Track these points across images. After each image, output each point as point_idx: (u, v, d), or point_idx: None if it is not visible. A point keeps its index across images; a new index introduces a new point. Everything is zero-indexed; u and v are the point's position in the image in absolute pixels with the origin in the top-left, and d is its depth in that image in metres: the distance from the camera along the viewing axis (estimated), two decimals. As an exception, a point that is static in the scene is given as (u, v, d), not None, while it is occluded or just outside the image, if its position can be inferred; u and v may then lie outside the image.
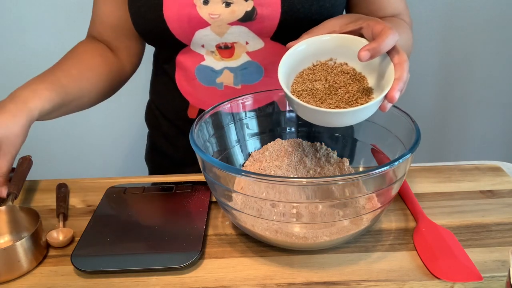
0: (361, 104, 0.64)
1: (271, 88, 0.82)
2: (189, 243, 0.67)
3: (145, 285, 0.62)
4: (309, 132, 0.81)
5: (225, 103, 0.76)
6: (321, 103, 0.65)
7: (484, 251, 0.66)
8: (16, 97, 0.75)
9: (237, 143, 0.79)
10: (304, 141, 0.78)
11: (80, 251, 0.66)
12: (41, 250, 0.67)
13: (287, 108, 0.81)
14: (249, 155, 0.79)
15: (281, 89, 0.65)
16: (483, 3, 1.58)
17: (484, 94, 1.73)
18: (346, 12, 0.90)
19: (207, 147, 0.73)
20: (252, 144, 0.80)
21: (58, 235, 0.71)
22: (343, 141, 0.80)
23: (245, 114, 0.80)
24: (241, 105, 0.79)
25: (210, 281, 0.62)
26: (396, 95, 0.61)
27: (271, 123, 0.82)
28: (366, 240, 0.68)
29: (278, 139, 0.80)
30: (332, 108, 0.64)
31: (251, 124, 0.80)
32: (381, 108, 0.63)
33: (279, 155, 0.76)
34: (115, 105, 1.62)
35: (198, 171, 0.86)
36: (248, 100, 0.79)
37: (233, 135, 0.79)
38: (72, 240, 0.70)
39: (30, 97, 0.75)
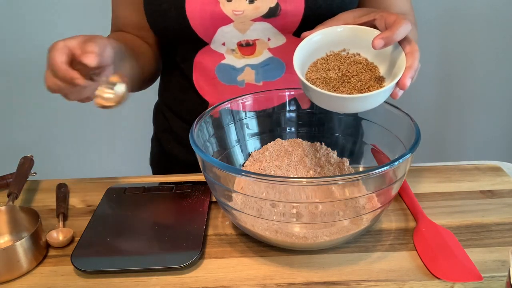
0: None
1: (292, 84, 0.83)
2: (189, 243, 0.67)
3: (145, 285, 0.62)
4: (309, 132, 0.81)
5: (225, 103, 0.76)
6: (334, 90, 0.67)
7: (484, 251, 0.66)
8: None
9: (237, 143, 0.79)
10: (304, 141, 0.78)
11: (80, 251, 0.66)
12: (41, 250, 0.67)
13: (287, 108, 0.81)
14: (249, 155, 0.79)
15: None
16: (483, 3, 1.58)
17: (484, 94, 1.73)
18: None
19: (207, 147, 0.73)
20: (252, 144, 0.80)
21: (58, 235, 0.70)
22: (343, 141, 0.80)
23: (245, 114, 0.80)
24: (241, 105, 0.79)
25: (210, 281, 0.62)
26: (408, 82, 0.63)
27: (271, 123, 0.82)
28: (366, 240, 0.68)
29: (278, 139, 0.80)
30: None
31: (251, 124, 0.80)
32: (392, 95, 0.66)
33: (279, 155, 0.76)
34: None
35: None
36: (248, 100, 0.79)
37: (233, 135, 0.79)
38: (72, 240, 0.70)
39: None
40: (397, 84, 0.64)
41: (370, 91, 0.66)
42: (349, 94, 0.66)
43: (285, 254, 0.66)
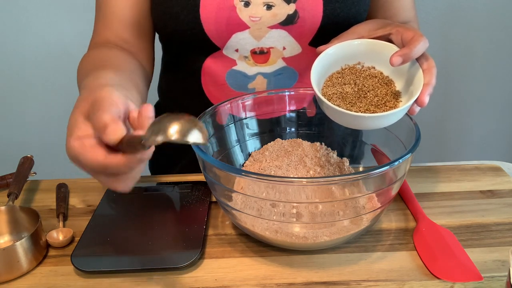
0: (390, 107, 0.66)
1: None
2: (189, 243, 0.67)
3: (145, 285, 0.62)
4: (309, 132, 0.82)
5: (225, 103, 0.76)
6: (351, 106, 0.67)
7: (484, 251, 0.66)
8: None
9: (237, 143, 0.79)
10: (304, 141, 0.78)
11: (80, 251, 0.66)
12: (41, 250, 0.67)
13: (287, 108, 0.81)
14: (249, 155, 0.79)
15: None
16: (483, 3, 1.58)
17: (484, 94, 1.73)
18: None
19: (207, 147, 0.73)
20: (252, 144, 0.80)
21: (58, 235, 0.71)
22: (343, 141, 0.80)
23: (245, 114, 0.80)
24: (241, 105, 0.79)
25: (210, 281, 0.62)
26: (426, 99, 0.64)
27: (271, 123, 0.82)
28: (366, 240, 0.68)
29: (278, 139, 0.80)
30: (362, 111, 0.66)
31: (251, 124, 0.80)
32: (410, 111, 0.66)
33: (279, 155, 0.76)
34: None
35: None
36: (248, 101, 0.79)
37: (233, 135, 0.79)
38: (72, 240, 0.70)
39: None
40: (416, 101, 0.64)
41: (387, 106, 0.66)
42: (366, 109, 0.66)
43: (285, 254, 0.66)
